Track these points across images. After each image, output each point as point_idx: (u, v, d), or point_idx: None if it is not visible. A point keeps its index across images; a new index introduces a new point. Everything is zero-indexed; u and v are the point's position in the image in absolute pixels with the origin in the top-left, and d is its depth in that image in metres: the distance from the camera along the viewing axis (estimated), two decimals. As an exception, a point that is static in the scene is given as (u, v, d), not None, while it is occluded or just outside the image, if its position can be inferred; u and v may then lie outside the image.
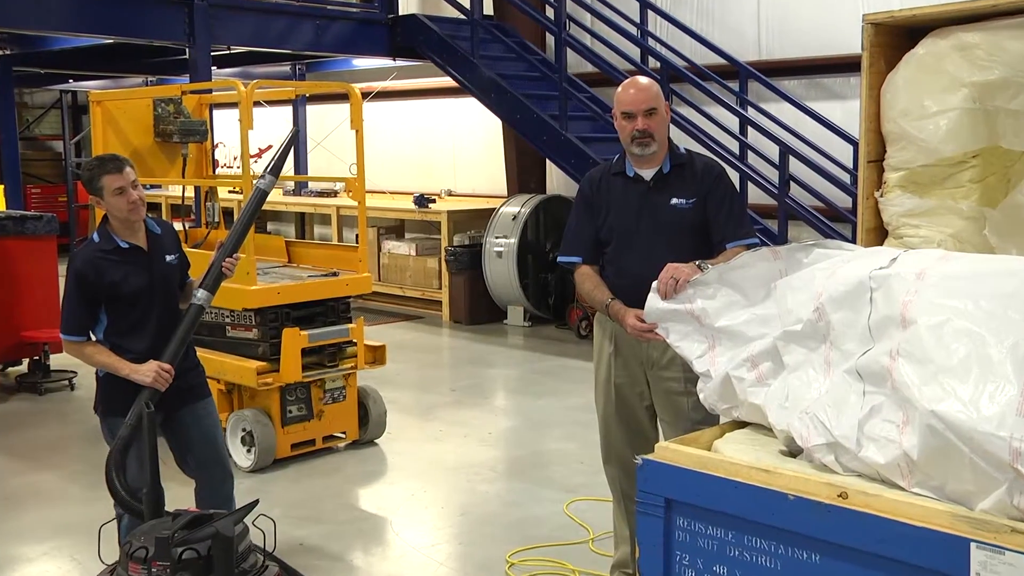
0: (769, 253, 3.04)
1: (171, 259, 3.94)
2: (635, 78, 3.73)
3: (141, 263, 3.84)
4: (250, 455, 5.88)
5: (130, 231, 3.83)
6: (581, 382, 7.93)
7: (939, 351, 2.29)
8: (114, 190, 3.73)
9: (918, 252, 2.75)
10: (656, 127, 3.63)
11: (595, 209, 3.80)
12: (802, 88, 9.09)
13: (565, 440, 6.49)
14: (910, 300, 2.43)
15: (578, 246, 3.84)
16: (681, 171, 3.72)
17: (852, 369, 2.53)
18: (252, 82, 5.94)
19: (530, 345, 9.54)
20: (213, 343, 5.97)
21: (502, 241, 10.17)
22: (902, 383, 2.33)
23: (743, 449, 2.70)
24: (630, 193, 3.74)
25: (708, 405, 3.08)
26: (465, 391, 7.89)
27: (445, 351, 9.62)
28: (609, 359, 3.85)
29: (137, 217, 3.80)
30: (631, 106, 3.62)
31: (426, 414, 7.20)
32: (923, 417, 2.24)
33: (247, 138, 5.81)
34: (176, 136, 6.69)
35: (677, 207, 3.68)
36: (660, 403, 3.79)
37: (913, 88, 3.37)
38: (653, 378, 3.77)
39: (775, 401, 2.73)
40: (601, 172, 3.86)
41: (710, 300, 3.07)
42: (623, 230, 3.73)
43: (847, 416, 2.47)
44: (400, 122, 13.15)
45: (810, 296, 2.72)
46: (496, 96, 9.50)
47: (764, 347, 2.82)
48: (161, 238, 3.93)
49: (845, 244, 3.08)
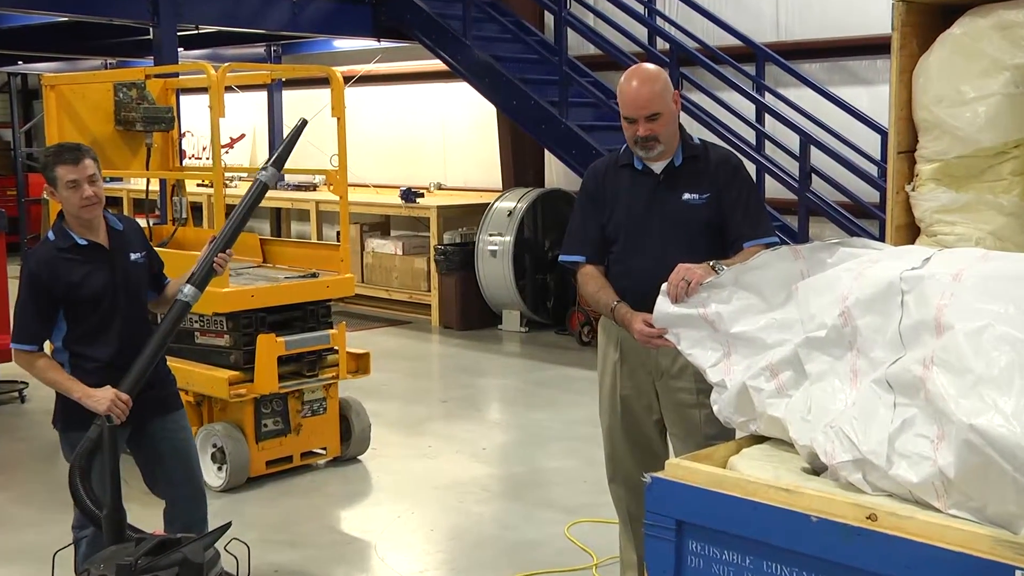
0: (789, 253, 3.04)
1: (136, 257, 3.91)
2: (636, 73, 3.65)
3: (102, 262, 3.82)
4: (221, 473, 5.87)
5: (87, 228, 3.82)
6: (583, 393, 7.92)
7: (978, 359, 2.29)
8: (67, 182, 3.71)
9: (954, 251, 2.74)
10: (661, 130, 3.62)
11: (600, 204, 3.79)
12: (825, 72, 9.10)
13: (566, 456, 6.49)
14: (945, 304, 2.43)
15: (581, 244, 3.83)
16: (695, 163, 3.72)
17: (881, 379, 2.53)
18: (223, 65, 5.93)
19: (527, 353, 9.53)
20: (181, 351, 5.96)
21: (496, 239, 10.17)
22: (937, 394, 2.32)
23: (761, 466, 2.69)
24: (638, 187, 3.74)
25: (723, 418, 3.08)
26: (456, 403, 7.88)
27: (435, 359, 9.61)
28: (615, 368, 3.84)
29: (90, 215, 3.78)
30: (631, 112, 3.62)
31: (414, 428, 7.19)
32: (960, 432, 2.24)
33: (218, 127, 5.80)
34: (139, 124, 6.68)
35: (689, 203, 3.67)
36: (670, 416, 3.78)
37: (948, 72, 3.37)
38: (663, 389, 3.76)
39: (796, 414, 2.72)
40: (607, 164, 3.85)
41: (725, 304, 3.06)
42: (630, 227, 3.72)
43: (876, 430, 2.47)
44: (385, 109, 13.14)
45: (835, 299, 2.72)
46: (490, 81, 9.49)
47: (784, 355, 2.81)
48: (124, 235, 3.91)
49: (873, 243, 3.08)
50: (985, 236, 3.40)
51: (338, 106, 6.20)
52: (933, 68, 3.42)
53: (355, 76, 12.17)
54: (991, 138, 3.36)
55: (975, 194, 3.43)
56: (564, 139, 8.94)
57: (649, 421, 3.85)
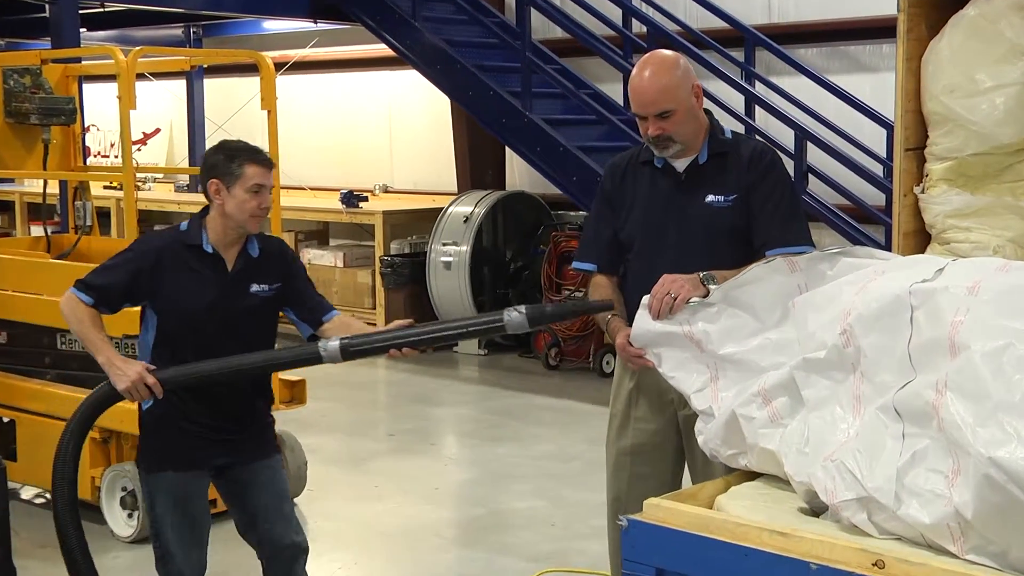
0: (785, 265, 3.05)
1: (259, 290, 3.88)
2: (648, 62, 3.60)
3: (213, 284, 3.82)
4: (132, 521, 5.80)
5: (227, 239, 3.84)
6: (551, 424, 7.91)
7: (998, 384, 2.30)
8: (253, 185, 3.77)
9: (969, 261, 2.77)
10: (674, 128, 3.56)
11: (616, 206, 3.77)
12: (823, 58, 9.18)
13: (532, 497, 6.48)
14: (960, 321, 2.44)
15: (594, 251, 3.82)
16: (722, 161, 3.66)
17: (888, 406, 2.54)
18: (134, 49, 5.88)
19: (487, 378, 9.52)
20: (83, 379, 5.89)
21: (451, 249, 10.15)
22: (952, 423, 2.33)
23: (753, 506, 2.69)
24: (657, 187, 3.70)
25: (709, 451, 3.07)
26: (406, 436, 7.85)
27: (381, 386, 9.57)
28: (629, 396, 3.79)
29: (255, 228, 3.85)
30: (638, 108, 3.59)
31: (358, 466, 7.15)
32: (979, 466, 2.25)
33: (128, 120, 5.75)
34: (34, 116, 6.60)
35: (713, 205, 3.62)
36: (694, 453, 3.64)
37: (962, 58, 3.40)
38: (686, 422, 3.68)
39: (793, 446, 2.73)
40: (627, 160, 3.82)
41: (712, 322, 3.06)
42: (646, 233, 3.70)
43: (883, 465, 2.47)
44: (323, 101, 13.11)
45: (835, 316, 2.73)
46: (443, 68, 9.49)
47: (779, 379, 2.82)
48: (256, 263, 3.89)
49: (878, 252, 3.09)
50: (1004, 244, 3.44)
51: (268, 97, 6.17)
52: (945, 54, 3.45)
53: (288, 62, 12.13)
54: (1011, 133, 3.39)
55: (993, 196, 3.46)
56: (528, 135, 8.94)
57: (666, 459, 3.79)
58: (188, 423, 3.86)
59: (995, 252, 3.40)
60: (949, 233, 3.51)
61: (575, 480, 6.69)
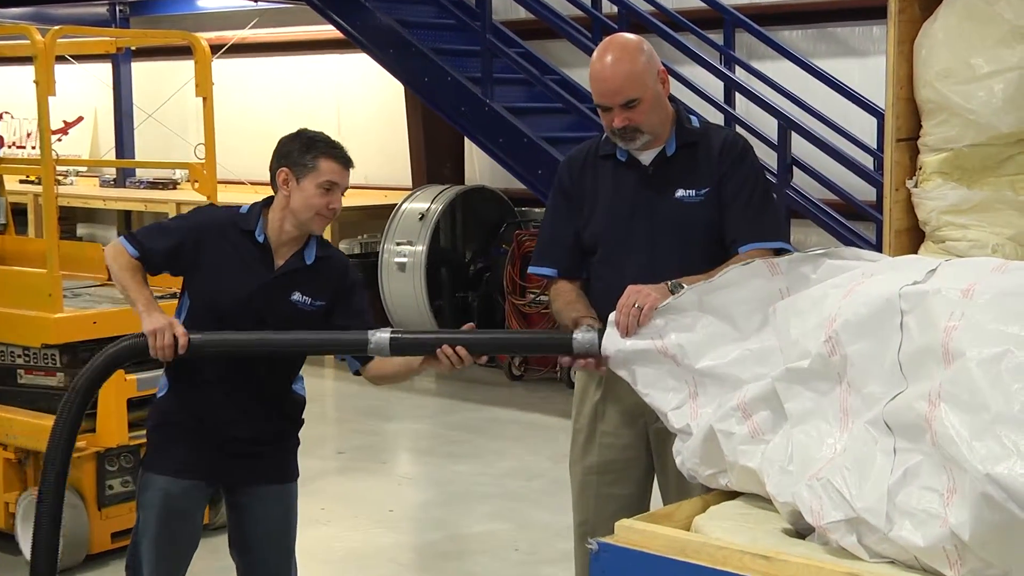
0: (765, 267, 3.06)
1: (301, 300, 3.83)
2: (609, 47, 3.62)
3: (253, 279, 3.81)
4: (53, 549, 5.74)
5: (285, 235, 3.82)
6: (515, 439, 7.91)
7: (996, 394, 2.31)
8: (325, 182, 3.75)
9: (964, 262, 2.78)
10: (642, 118, 3.57)
11: (576, 204, 3.77)
12: (808, 41, 9.22)
13: (494, 519, 6.48)
14: (955, 326, 2.45)
15: (552, 255, 3.81)
16: (692, 152, 3.68)
17: (878, 419, 2.55)
18: (53, 29, 5.83)
19: (445, 390, 9.51)
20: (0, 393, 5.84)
21: (406, 249, 10.14)
22: (946, 437, 2.35)
23: (733, 527, 2.70)
24: (622, 183, 3.71)
25: (686, 471, 3.08)
26: (357, 454, 7.83)
27: (329, 400, 9.54)
28: (595, 409, 3.80)
29: (319, 229, 3.85)
30: (602, 99, 3.59)
31: (303, 487, 7.01)
32: (976, 483, 2.26)
33: (47, 107, 5.71)
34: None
35: (684, 201, 3.63)
36: (668, 468, 3.67)
37: (958, 41, 3.42)
38: (659, 438, 3.70)
39: (775, 463, 2.73)
40: (585, 154, 3.82)
41: (687, 332, 3.07)
42: (612, 234, 3.70)
43: (873, 483, 2.49)
44: (265, 87, 13.06)
45: (820, 322, 2.74)
46: (396, 51, 9.47)
47: (759, 391, 2.83)
48: (309, 271, 3.86)
49: (867, 253, 3.11)
50: (1004, 242, 3.46)
51: (204, 83, 6.13)
52: (939, 37, 3.47)
53: (226, 45, 12.08)
54: (1010, 122, 3.42)
55: (991, 190, 3.48)
56: (489, 124, 8.94)
57: (636, 477, 3.80)
58: (196, 424, 3.84)
59: (994, 251, 3.42)
60: (944, 231, 3.53)
61: (541, 500, 6.69)
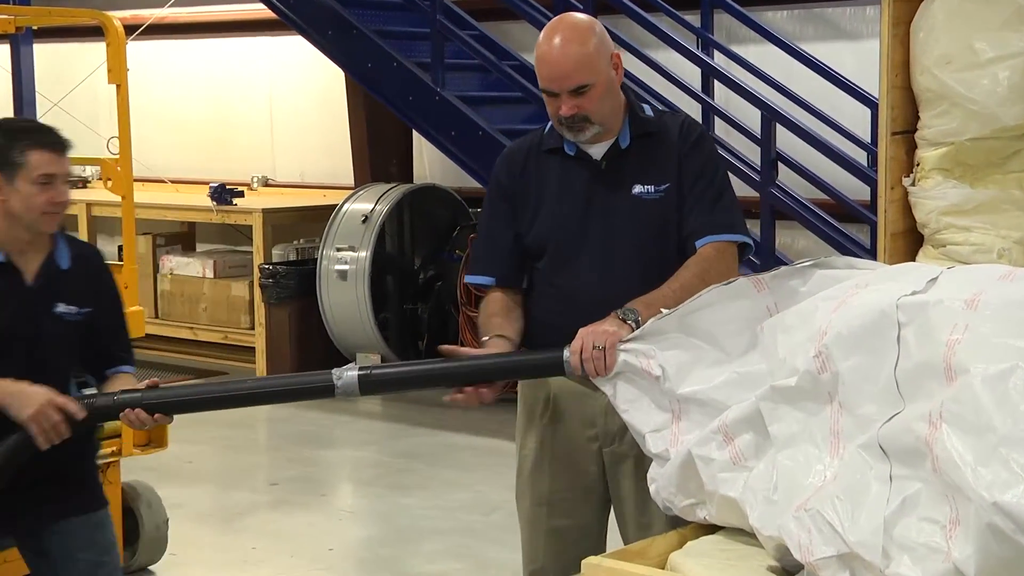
0: (749, 285, 3.08)
1: (68, 312, 3.74)
2: (557, 28, 3.63)
3: (11, 298, 3.68)
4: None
5: (20, 244, 3.69)
6: (470, 468, 7.89)
7: (1002, 414, 2.33)
8: (39, 177, 3.61)
9: (967, 269, 2.80)
10: (592, 106, 3.59)
11: (518, 204, 3.78)
12: (795, 23, 9.27)
13: (447, 558, 6.46)
14: (957, 339, 2.47)
15: (491, 260, 3.82)
16: (648, 144, 3.70)
17: (872, 442, 2.56)
18: (-51, 9, 5.80)
19: (392, 413, 9.48)
20: None
21: (347, 255, 10.10)
22: (948, 462, 2.36)
23: (714, 565, 2.71)
24: (571, 179, 3.72)
25: (661, 501, 3.09)
26: (292, 485, 7.79)
27: (261, 424, 9.49)
28: (542, 433, 3.79)
29: (50, 227, 3.71)
30: (549, 83, 3.60)
31: (232, 523, 7.08)
32: (982, 513, 2.27)
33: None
34: None
35: (642, 197, 3.65)
36: (625, 498, 3.70)
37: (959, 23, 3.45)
38: (614, 460, 3.70)
39: (759, 493, 2.74)
40: (527, 148, 3.83)
41: (668, 352, 3.09)
42: (561, 237, 3.70)
43: (867, 514, 2.50)
44: (188, 73, 12.99)
45: (809, 336, 2.75)
46: (336, 34, 9.46)
47: (742, 413, 2.84)
48: (68, 277, 3.77)
49: (861, 261, 3.14)
50: (1011, 246, 3.49)
51: (117, 68, 6.09)
52: (938, 18, 3.50)
53: (142, 25, 12.00)
54: (1017, 113, 3.45)
55: (996, 189, 3.51)
56: (440, 116, 8.94)
57: (590, 506, 3.80)
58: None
59: (999, 256, 3.45)
60: (945, 233, 3.56)
61: (499, 536, 6.67)
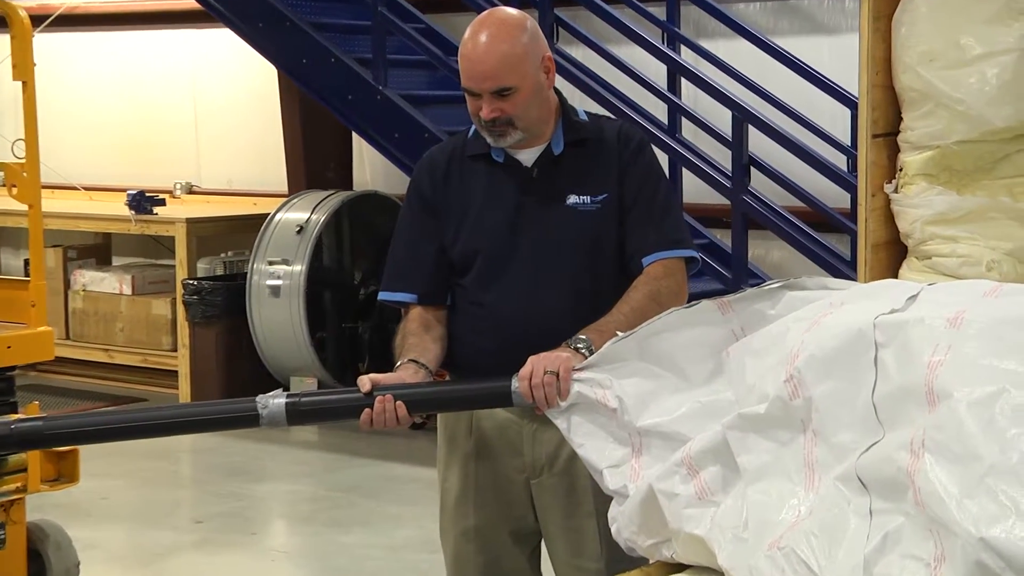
0: (714, 307, 3.10)
1: None
2: (484, 23, 3.63)
3: None
4: None
5: None
6: (415, 502, 7.88)
7: (989, 441, 2.33)
8: None
9: (949, 285, 2.81)
10: (515, 110, 3.60)
11: (441, 214, 3.79)
12: (768, 15, 9.32)
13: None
14: (940, 361, 2.48)
15: (410, 276, 3.82)
16: (583, 151, 3.73)
17: (850, 474, 2.56)
18: None
19: (329, 443, 9.46)
20: None
21: (280, 269, 10.07)
22: (932, 495, 2.37)
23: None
24: (499, 188, 3.74)
25: (623, 540, 3.09)
26: (219, 523, 7.77)
27: (184, 456, 9.45)
28: (466, 467, 3.82)
29: None
30: (471, 83, 3.61)
31: (151, 565, 7.05)
32: (969, 549, 2.28)
33: None
34: None
35: (577, 208, 3.68)
36: (555, 533, 3.76)
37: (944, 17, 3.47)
38: (542, 491, 3.74)
39: (728, 530, 2.74)
40: (449, 153, 3.84)
41: (626, 380, 3.09)
42: (491, 249, 3.72)
43: (846, 551, 2.50)
44: (103, 68, 12.94)
45: (780, 360, 2.76)
46: (267, 26, 9.44)
47: (708, 443, 2.84)
48: None
49: (834, 281, 3.16)
50: (1000, 258, 3.51)
51: (23, 63, 6.05)
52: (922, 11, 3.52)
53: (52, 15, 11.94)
54: (1007, 114, 3.47)
55: (985, 196, 3.53)
56: (382, 116, 8.93)
57: (519, 545, 3.83)
58: None
59: (988, 268, 3.47)
60: (930, 244, 3.58)
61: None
